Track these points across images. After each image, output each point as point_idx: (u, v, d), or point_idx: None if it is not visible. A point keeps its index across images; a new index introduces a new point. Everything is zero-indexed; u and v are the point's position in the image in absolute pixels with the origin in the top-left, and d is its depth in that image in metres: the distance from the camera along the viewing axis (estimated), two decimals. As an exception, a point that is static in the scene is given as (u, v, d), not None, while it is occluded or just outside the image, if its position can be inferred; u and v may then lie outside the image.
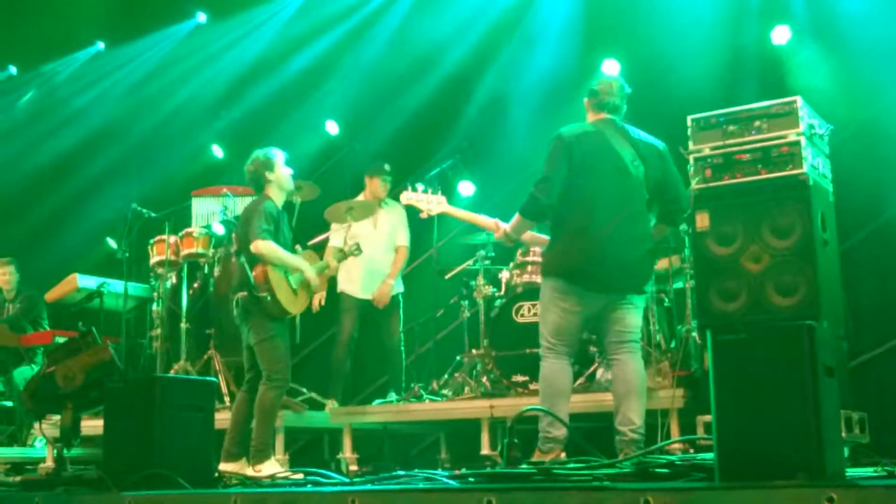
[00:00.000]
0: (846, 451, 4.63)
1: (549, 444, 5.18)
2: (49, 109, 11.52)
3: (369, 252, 7.48)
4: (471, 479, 4.02)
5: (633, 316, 5.38)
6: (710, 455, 3.73)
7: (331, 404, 7.52)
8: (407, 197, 6.19)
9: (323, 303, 7.86)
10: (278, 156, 6.45)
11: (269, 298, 6.12)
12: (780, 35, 7.77)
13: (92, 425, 6.49)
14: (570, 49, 8.55)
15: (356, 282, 7.97)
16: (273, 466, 6.06)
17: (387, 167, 8.13)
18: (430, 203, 6.12)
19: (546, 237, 5.62)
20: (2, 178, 11.25)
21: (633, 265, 5.32)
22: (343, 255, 6.93)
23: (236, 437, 6.30)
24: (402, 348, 8.07)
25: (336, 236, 7.84)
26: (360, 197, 8.07)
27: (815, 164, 5.75)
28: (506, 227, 5.63)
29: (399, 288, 8.14)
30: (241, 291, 6.23)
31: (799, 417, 3.24)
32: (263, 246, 6.11)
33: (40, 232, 10.95)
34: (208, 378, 6.57)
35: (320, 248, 7.83)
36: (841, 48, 7.46)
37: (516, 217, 5.53)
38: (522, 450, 4.75)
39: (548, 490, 3.35)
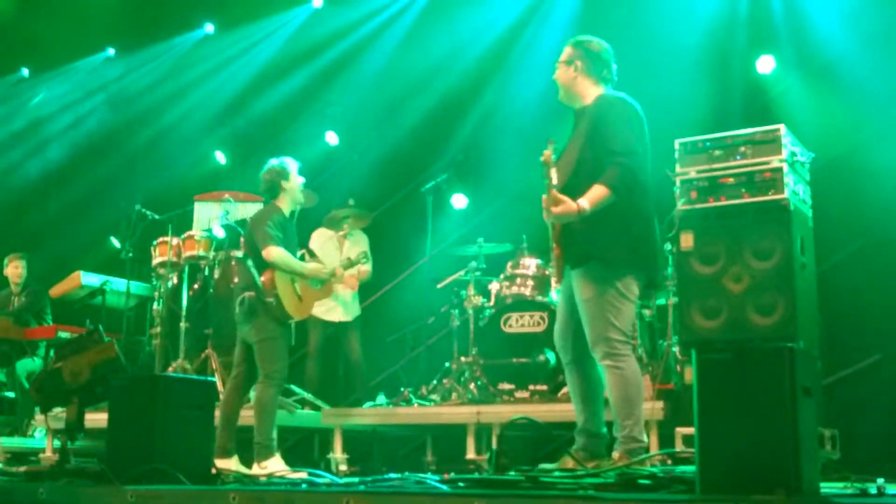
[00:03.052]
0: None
1: (639, 450, 4.73)
2: (59, 111, 11.62)
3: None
4: (460, 484, 4.06)
5: None
6: (690, 468, 3.75)
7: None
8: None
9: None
10: (292, 165, 6.67)
11: (274, 303, 6.34)
12: (765, 64, 7.93)
13: (92, 418, 6.61)
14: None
15: (322, 305, 8.12)
16: (277, 463, 6.23)
17: (351, 202, 8.36)
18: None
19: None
20: (12, 177, 11.39)
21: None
22: (350, 263, 7.15)
23: (230, 434, 6.46)
24: (364, 366, 8.37)
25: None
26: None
27: (796, 190, 5.92)
28: (583, 203, 4.72)
29: (356, 312, 8.38)
30: (249, 291, 6.43)
31: (778, 435, 3.28)
32: (276, 252, 6.34)
33: (47, 230, 11.04)
34: (208, 378, 6.72)
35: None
36: (823, 79, 7.59)
37: (601, 191, 4.71)
38: (508, 457, 4.75)
39: (535, 497, 3.38)
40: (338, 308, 8.25)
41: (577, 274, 4.87)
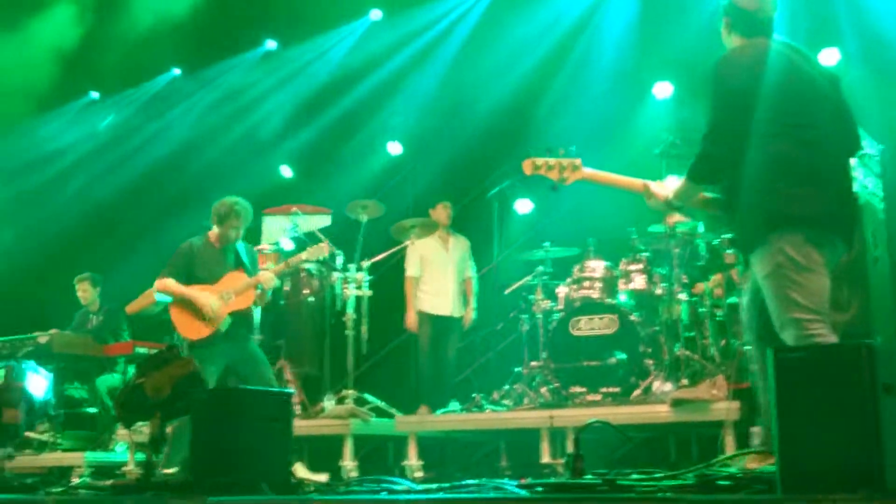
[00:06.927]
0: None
1: None
2: (129, 132, 11.90)
3: (440, 273, 7.76)
4: (539, 489, 4.06)
5: None
6: (770, 467, 3.71)
7: (423, 409, 7.76)
8: (533, 166, 5.00)
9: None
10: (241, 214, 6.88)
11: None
12: (830, 57, 7.84)
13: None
14: (625, 72, 8.71)
15: (428, 301, 8.31)
16: (301, 469, 6.36)
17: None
18: (564, 171, 4.90)
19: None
20: (87, 200, 11.62)
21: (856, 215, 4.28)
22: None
23: None
24: (453, 366, 8.41)
25: (411, 263, 8.23)
26: None
27: (865, 184, 5.85)
28: (665, 191, 4.51)
29: (463, 311, 8.47)
30: None
31: (859, 433, 3.24)
32: (159, 284, 6.67)
33: (123, 249, 11.20)
34: (285, 390, 6.82)
35: (383, 265, 8.13)
36: (889, 69, 7.49)
37: (682, 182, 4.41)
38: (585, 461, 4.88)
39: (614, 500, 3.39)
40: (447, 301, 8.33)
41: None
